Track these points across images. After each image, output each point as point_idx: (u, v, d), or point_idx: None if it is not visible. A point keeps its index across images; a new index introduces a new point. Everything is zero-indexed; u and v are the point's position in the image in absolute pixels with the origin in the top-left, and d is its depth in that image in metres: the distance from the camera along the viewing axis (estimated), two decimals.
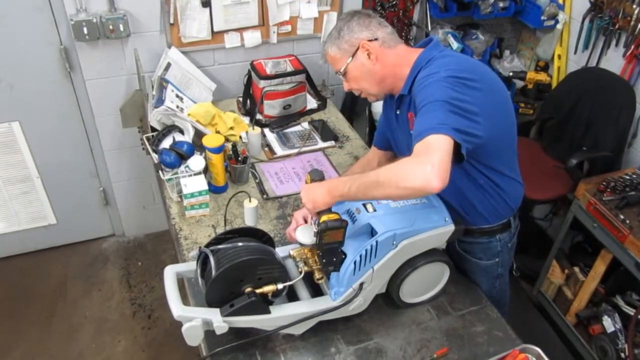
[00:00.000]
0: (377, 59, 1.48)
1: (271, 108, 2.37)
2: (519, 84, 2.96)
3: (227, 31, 2.46)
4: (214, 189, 1.94)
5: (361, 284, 1.38)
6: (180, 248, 1.74)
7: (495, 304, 1.62)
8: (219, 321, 1.28)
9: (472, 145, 1.25)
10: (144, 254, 2.95)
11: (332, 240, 1.31)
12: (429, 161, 1.14)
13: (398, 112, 1.55)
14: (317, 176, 1.39)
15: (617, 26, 2.42)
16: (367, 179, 1.25)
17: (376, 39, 1.48)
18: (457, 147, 1.21)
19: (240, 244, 1.35)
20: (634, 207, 2.05)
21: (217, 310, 1.30)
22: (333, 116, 2.51)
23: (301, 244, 1.42)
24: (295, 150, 2.22)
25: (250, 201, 1.79)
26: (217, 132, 2.19)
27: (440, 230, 1.41)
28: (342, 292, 1.37)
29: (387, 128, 1.71)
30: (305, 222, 1.57)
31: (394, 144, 1.69)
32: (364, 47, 1.48)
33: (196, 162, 1.87)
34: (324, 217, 1.30)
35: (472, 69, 1.35)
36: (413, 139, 1.22)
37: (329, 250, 1.34)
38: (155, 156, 1.93)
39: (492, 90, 1.37)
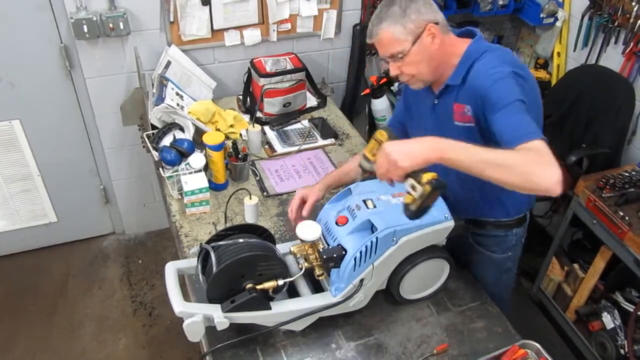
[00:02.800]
0: (439, 44, 1.40)
1: (271, 106, 2.38)
2: None
3: (227, 29, 2.47)
4: (214, 187, 1.94)
5: (361, 280, 1.38)
6: (180, 245, 1.74)
7: (497, 298, 1.63)
8: (220, 317, 1.29)
9: None
10: (144, 252, 2.95)
11: (431, 203, 1.22)
12: (557, 167, 1.13)
13: (436, 102, 1.51)
14: (393, 137, 1.27)
15: (616, 23, 2.42)
16: (488, 154, 1.17)
17: (437, 23, 1.39)
18: None
19: (241, 240, 1.35)
20: (633, 203, 2.05)
21: (218, 306, 1.31)
22: (333, 114, 2.52)
23: (302, 241, 1.43)
24: (295, 148, 2.23)
25: (250, 198, 1.80)
26: (218, 129, 2.20)
27: (440, 227, 1.42)
28: (342, 288, 1.38)
29: (407, 116, 1.69)
30: (304, 203, 1.61)
31: (420, 132, 1.61)
32: (430, 30, 1.38)
33: (196, 159, 1.87)
34: (427, 175, 1.18)
35: (521, 64, 1.39)
36: (514, 138, 1.20)
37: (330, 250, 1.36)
38: (155, 154, 1.94)
39: (534, 84, 1.41)
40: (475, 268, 1.69)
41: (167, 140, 2.01)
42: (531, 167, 1.14)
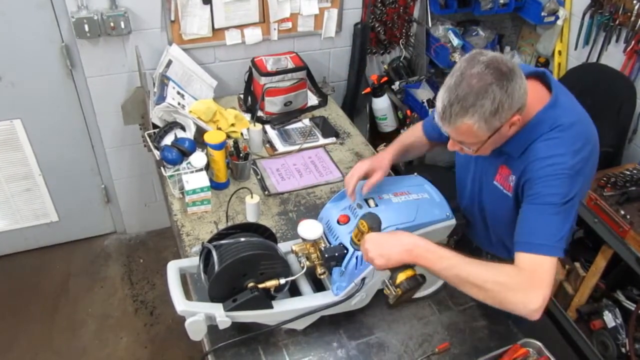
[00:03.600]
0: (515, 129, 1.23)
1: (272, 105, 2.37)
2: None
3: (227, 28, 2.46)
4: (215, 186, 1.94)
5: (363, 279, 1.38)
6: (182, 244, 1.74)
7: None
8: (222, 316, 1.29)
9: None
10: (145, 251, 2.95)
11: (409, 297, 1.26)
12: (544, 295, 1.12)
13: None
14: (375, 223, 1.25)
15: (617, 22, 2.42)
16: (466, 270, 1.15)
17: (522, 106, 1.19)
18: None
19: (242, 239, 1.35)
20: (634, 202, 2.05)
21: (220, 305, 1.31)
22: (334, 113, 2.52)
23: (304, 239, 1.42)
24: (297, 147, 2.23)
25: (251, 197, 1.80)
26: (219, 128, 2.20)
27: (442, 225, 1.42)
28: (344, 287, 1.38)
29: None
30: (366, 177, 1.47)
31: (458, 166, 1.59)
32: (513, 122, 1.19)
33: (198, 158, 1.87)
34: (402, 276, 1.20)
35: (591, 136, 1.26)
36: (525, 243, 1.18)
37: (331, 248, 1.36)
38: (157, 153, 1.94)
39: (595, 154, 1.28)
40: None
41: (168, 140, 2.01)
42: (508, 295, 1.13)
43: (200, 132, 2.06)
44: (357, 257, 1.33)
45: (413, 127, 1.71)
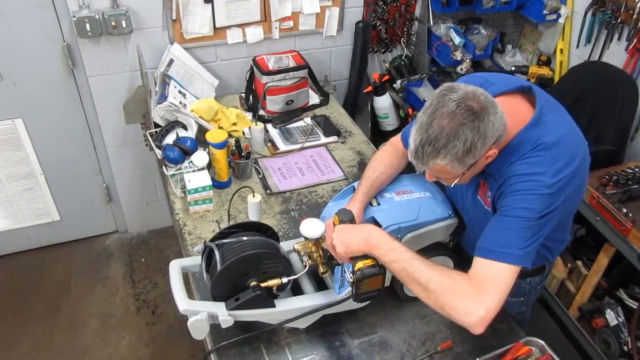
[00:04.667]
0: (492, 158, 1.20)
1: (274, 104, 2.37)
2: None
3: (229, 27, 2.46)
4: (217, 185, 1.94)
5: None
6: (184, 243, 1.74)
7: None
8: (225, 315, 1.29)
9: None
10: (147, 250, 2.96)
11: (371, 288, 1.25)
12: (487, 306, 1.10)
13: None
14: (346, 217, 1.30)
15: (619, 20, 2.41)
16: (416, 267, 1.16)
17: (499, 137, 1.16)
18: None
19: (244, 238, 1.35)
20: (637, 200, 2.05)
21: (222, 304, 1.31)
22: (335, 111, 2.51)
23: (306, 238, 1.42)
24: (298, 146, 2.23)
25: (253, 196, 1.80)
26: (220, 127, 2.20)
27: (444, 223, 1.42)
28: (346, 285, 1.38)
29: None
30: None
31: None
32: (489, 155, 1.18)
33: (200, 157, 1.87)
34: (360, 264, 1.22)
35: (576, 153, 1.21)
36: (482, 249, 1.17)
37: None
38: (158, 152, 1.94)
39: (582, 170, 1.23)
40: None
41: (170, 139, 2.01)
42: (449, 299, 1.13)
43: (201, 131, 2.06)
44: None
45: (381, 151, 1.60)
